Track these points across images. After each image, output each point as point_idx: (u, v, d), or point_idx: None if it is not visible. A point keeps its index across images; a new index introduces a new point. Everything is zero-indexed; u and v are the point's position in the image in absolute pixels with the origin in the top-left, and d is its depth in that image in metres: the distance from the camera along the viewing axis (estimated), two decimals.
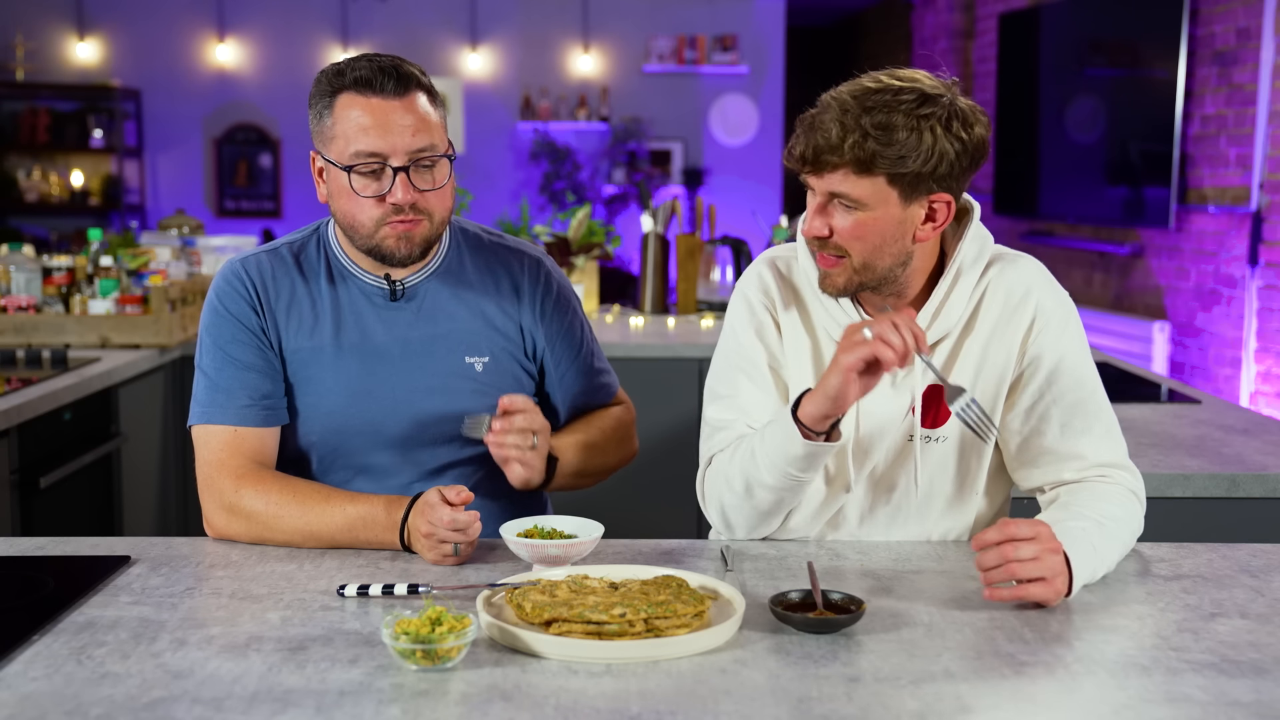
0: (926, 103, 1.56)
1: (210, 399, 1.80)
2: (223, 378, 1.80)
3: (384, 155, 1.72)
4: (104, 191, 8.52)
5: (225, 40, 8.70)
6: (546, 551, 1.57)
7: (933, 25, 8.96)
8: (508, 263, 1.92)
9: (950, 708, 1.21)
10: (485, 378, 1.86)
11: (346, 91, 1.73)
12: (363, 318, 1.84)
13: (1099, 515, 1.61)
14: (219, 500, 1.76)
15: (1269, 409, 5.19)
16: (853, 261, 1.64)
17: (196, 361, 1.85)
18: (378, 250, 1.78)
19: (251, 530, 1.73)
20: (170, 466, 3.74)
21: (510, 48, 8.84)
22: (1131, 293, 6.36)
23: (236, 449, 1.78)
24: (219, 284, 1.85)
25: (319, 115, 1.76)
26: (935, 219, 1.64)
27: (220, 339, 1.82)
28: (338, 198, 1.77)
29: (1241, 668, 1.31)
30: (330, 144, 1.75)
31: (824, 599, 1.43)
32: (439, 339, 1.85)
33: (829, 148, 1.57)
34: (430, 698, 1.22)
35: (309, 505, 1.71)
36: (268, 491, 1.73)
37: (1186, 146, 5.77)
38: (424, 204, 1.76)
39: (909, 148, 1.56)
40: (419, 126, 1.73)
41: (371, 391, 1.82)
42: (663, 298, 4.52)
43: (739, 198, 8.71)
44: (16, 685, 1.24)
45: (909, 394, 1.71)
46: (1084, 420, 1.70)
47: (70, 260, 3.61)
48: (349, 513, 1.70)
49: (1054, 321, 1.71)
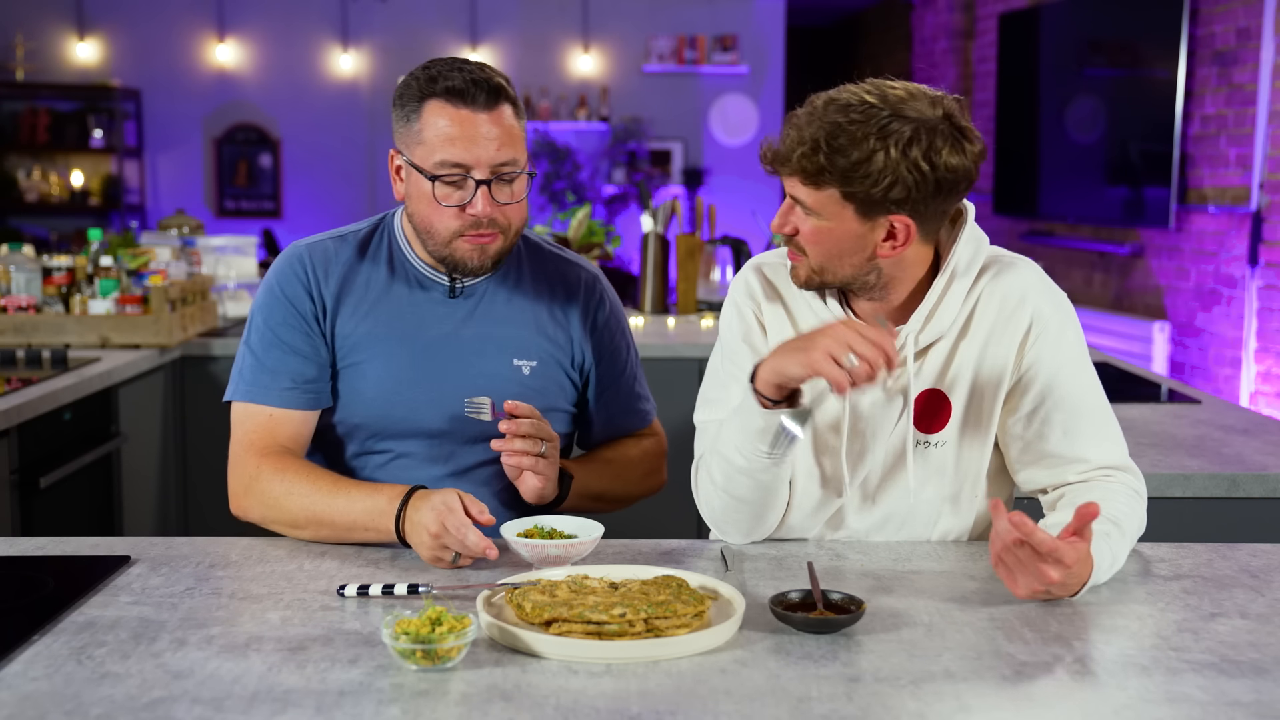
0: (894, 122, 1.53)
1: (254, 378, 1.82)
2: (269, 358, 1.82)
3: (468, 167, 1.74)
4: (104, 191, 8.52)
5: (225, 40, 8.71)
6: (546, 551, 1.57)
7: (933, 25, 8.97)
8: (565, 275, 1.95)
9: (950, 708, 1.21)
10: (531, 381, 1.87)
11: (437, 99, 1.75)
12: (419, 310, 1.86)
13: (1113, 516, 1.61)
14: (241, 478, 1.78)
15: (1269, 409, 5.19)
16: (810, 262, 1.65)
17: (244, 339, 1.87)
18: (451, 259, 1.81)
19: (264, 510, 1.75)
20: (170, 466, 3.74)
21: (510, 48, 8.84)
22: (1131, 293, 6.36)
23: (270, 431, 1.80)
24: (279, 266, 1.87)
25: (406, 117, 1.78)
26: (895, 238, 1.61)
27: (271, 320, 1.84)
28: (417, 201, 1.79)
29: (1241, 668, 1.31)
30: (415, 148, 1.77)
31: (824, 599, 1.43)
32: (490, 339, 1.87)
33: (782, 155, 1.58)
34: (430, 698, 1.22)
35: (319, 488, 1.72)
36: (284, 472, 1.75)
37: (1186, 146, 5.77)
38: (502, 217, 1.78)
39: (858, 166, 1.53)
40: (504, 140, 1.75)
41: (417, 383, 1.84)
42: (663, 298, 4.52)
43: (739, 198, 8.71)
44: (16, 685, 1.24)
45: (901, 399, 1.71)
46: (1086, 424, 1.70)
47: (70, 260, 3.61)
48: (355, 501, 1.69)
49: (1051, 327, 1.70)
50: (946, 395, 1.71)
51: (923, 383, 1.71)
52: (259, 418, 1.81)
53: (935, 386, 1.71)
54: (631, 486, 1.98)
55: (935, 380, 1.71)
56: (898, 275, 1.67)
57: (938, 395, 1.71)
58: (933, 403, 1.71)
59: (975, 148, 1.58)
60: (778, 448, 1.61)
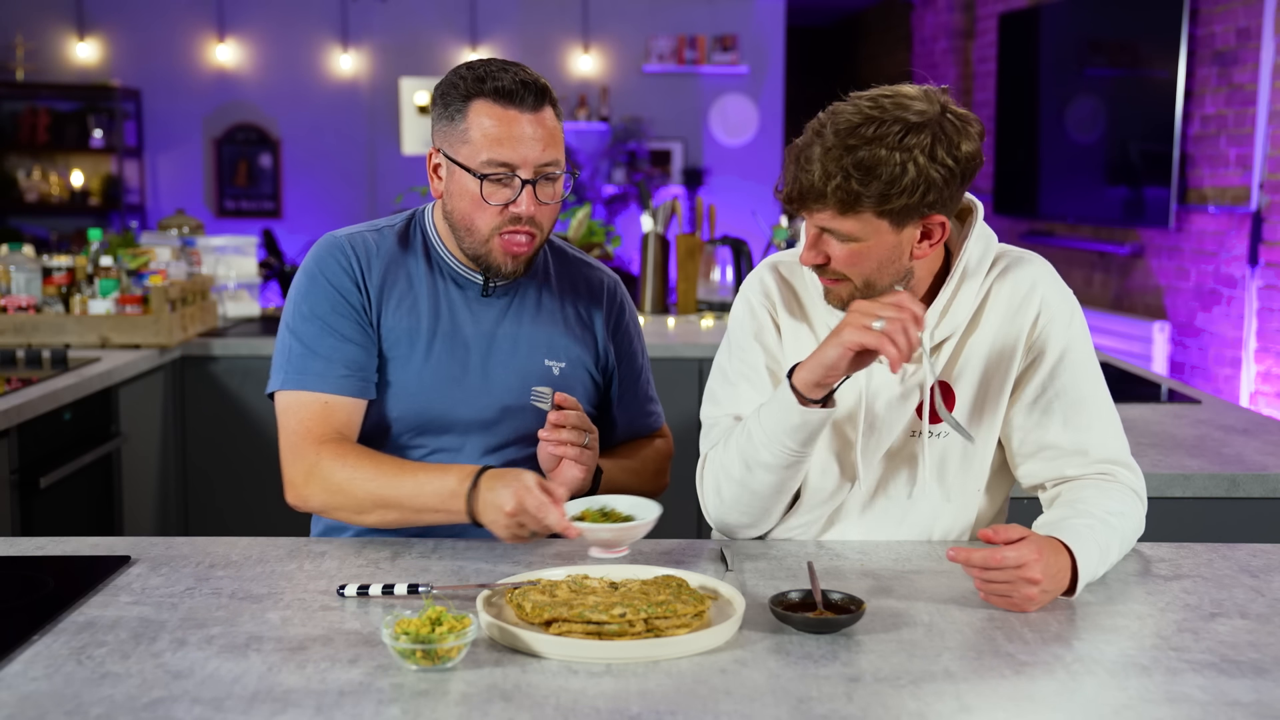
0: (911, 133, 1.54)
1: (304, 365, 1.81)
2: (322, 346, 1.81)
3: (515, 166, 1.76)
4: (104, 191, 8.51)
5: (225, 40, 8.70)
6: (599, 535, 1.58)
7: (933, 25, 8.97)
8: (589, 279, 1.99)
9: (950, 708, 1.21)
10: (560, 382, 1.89)
11: (485, 99, 1.76)
12: (455, 307, 1.87)
13: (1104, 512, 1.61)
14: (300, 466, 1.78)
15: (1269, 409, 5.19)
16: (854, 282, 1.65)
17: (288, 327, 1.84)
18: (486, 259, 1.82)
19: (327, 497, 1.75)
20: (170, 466, 3.74)
21: (510, 48, 8.83)
22: (1131, 293, 6.36)
23: (325, 418, 1.80)
24: (320, 255, 1.86)
25: (450, 116, 1.78)
26: (931, 237, 1.64)
27: (319, 308, 1.83)
28: (458, 198, 1.80)
29: (1241, 668, 1.31)
30: (460, 147, 1.78)
31: (824, 599, 1.43)
32: (523, 339, 1.89)
33: (813, 191, 1.57)
34: (430, 698, 1.22)
35: (384, 471, 1.73)
36: (345, 457, 1.75)
37: (1186, 146, 5.77)
38: (540, 217, 1.80)
39: (893, 183, 1.54)
40: (549, 141, 1.77)
41: (457, 379, 1.85)
42: (663, 298, 4.52)
43: (739, 198, 8.71)
44: (16, 685, 1.24)
45: (915, 388, 1.72)
46: (1087, 415, 1.71)
47: (70, 260, 3.61)
48: (424, 484, 1.70)
49: (1059, 315, 1.72)
50: (951, 387, 1.72)
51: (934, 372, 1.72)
52: (313, 406, 1.80)
53: (942, 379, 1.73)
54: (645, 485, 2.00)
55: (942, 372, 1.73)
56: (918, 274, 1.69)
57: (944, 386, 1.73)
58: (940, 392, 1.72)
59: (977, 128, 1.60)
60: (809, 444, 1.64)
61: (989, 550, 1.46)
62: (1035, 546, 1.46)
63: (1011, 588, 1.46)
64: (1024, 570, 1.45)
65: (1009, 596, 1.47)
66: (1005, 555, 1.45)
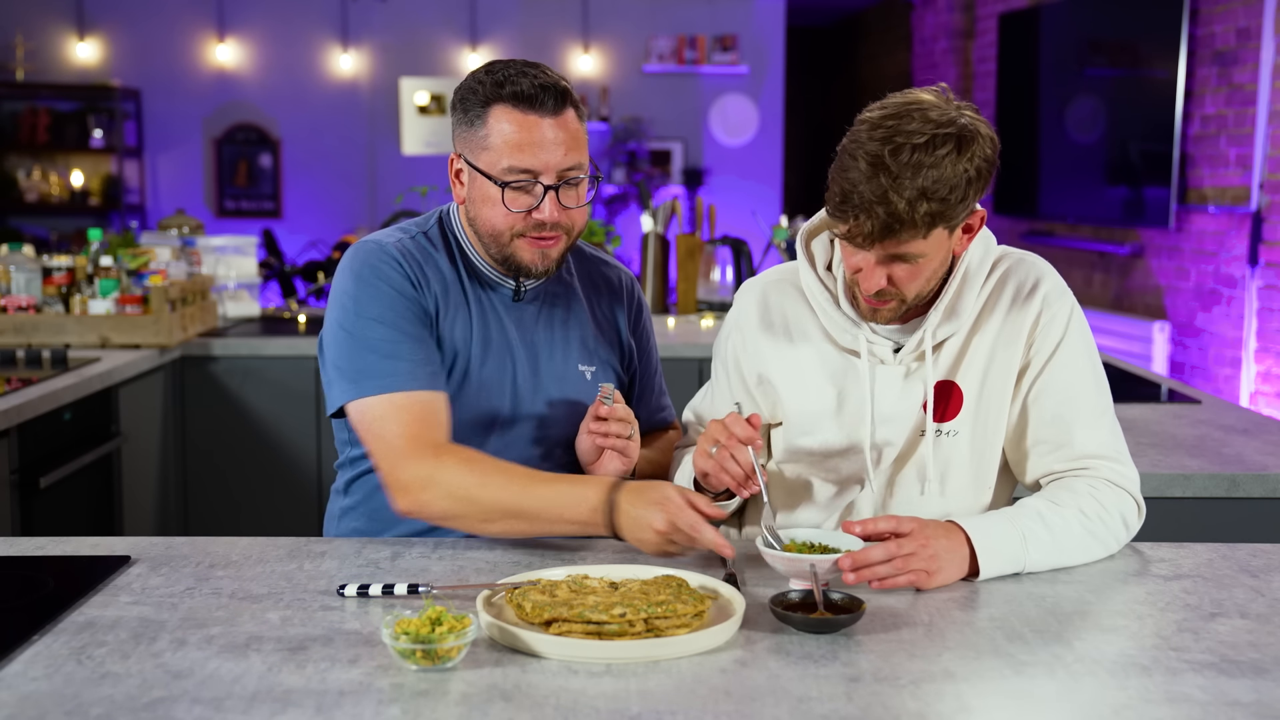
0: (960, 142, 1.55)
1: (388, 369, 1.72)
2: (399, 349, 1.74)
3: (536, 172, 1.73)
4: (104, 191, 8.51)
5: (225, 40, 8.70)
6: (802, 566, 1.51)
7: (933, 25, 8.97)
8: (608, 276, 1.98)
9: (950, 708, 1.21)
10: (592, 386, 1.89)
11: (504, 104, 1.73)
12: (496, 312, 1.85)
13: (1050, 499, 1.65)
14: (418, 473, 1.68)
15: (1269, 409, 5.19)
16: (905, 298, 1.66)
17: (349, 333, 1.75)
18: (512, 260, 1.79)
19: (451, 504, 1.67)
20: (170, 466, 3.74)
21: (510, 48, 8.83)
22: (1131, 293, 6.36)
23: (427, 418, 1.71)
24: (370, 261, 1.78)
25: (470, 121, 1.75)
26: (972, 230, 1.67)
27: (385, 314, 1.75)
28: (481, 204, 1.77)
29: (1241, 668, 1.31)
30: (481, 153, 1.75)
31: (824, 599, 1.43)
32: (557, 343, 1.88)
33: (900, 220, 1.55)
34: (430, 698, 1.22)
35: (514, 479, 1.67)
36: (472, 464, 1.68)
37: (1186, 146, 5.77)
38: (566, 221, 1.77)
39: (964, 199, 1.57)
40: (571, 145, 1.74)
41: (498, 384, 1.83)
42: (663, 298, 4.52)
43: (739, 198, 8.71)
44: (16, 685, 1.24)
45: (921, 388, 1.72)
46: (1076, 411, 1.72)
47: (70, 260, 3.61)
48: (560, 494, 1.65)
49: (1059, 313, 1.73)
50: (957, 385, 1.73)
51: (936, 374, 1.74)
52: (413, 408, 1.71)
53: (947, 378, 1.74)
54: (667, 473, 1.99)
55: (948, 372, 1.74)
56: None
57: (949, 385, 1.74)
58: (944, 392, 1.74)
59: (980, 112, 1.63)
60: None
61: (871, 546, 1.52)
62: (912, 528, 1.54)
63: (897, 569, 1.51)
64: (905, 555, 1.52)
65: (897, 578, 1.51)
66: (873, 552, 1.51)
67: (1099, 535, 1.65)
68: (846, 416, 1.76)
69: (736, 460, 1.62)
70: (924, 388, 1.73)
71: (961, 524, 1.58)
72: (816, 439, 1.78)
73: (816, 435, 1.78)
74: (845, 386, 1.75)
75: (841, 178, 1.57)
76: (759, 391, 1.83)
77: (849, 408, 1.75)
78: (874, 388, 1.73)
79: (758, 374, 1.82)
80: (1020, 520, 1.60)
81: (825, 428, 1.77)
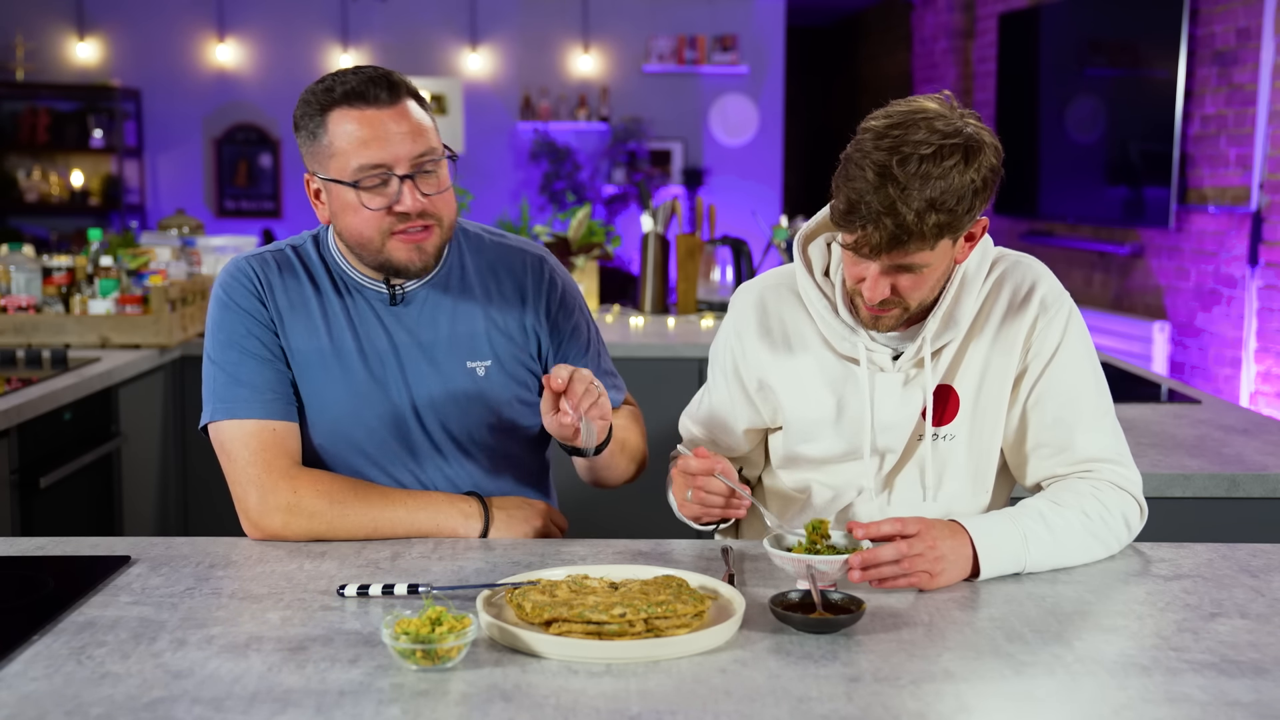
0: (967, 151, 1.55)
1: (233, 394, 1.77)
2: (243, 372, 1.77)
3: (388, 165, 1.70)
4: (104, 191, 8.51)
5: (225, 40, 8.70)
6: (815, 567, 1.50)
7: (933, 25, 8.96)
8: (510, 263, 1.90)
9: (950, 708, 1.21)
10: (487, 383, 1.85)
11: (338, 107, 1.71)
12: (365, 322, 1.83)
13: (1052, 499, 1.64)
14: (276, 501, 1.72)
15: (1269, 409, 5.19)
16: (908, 306, 1.66)
17: (209, 357, 1.81)
18: (389, 264, 1.76)
19: (313, 528, 1.72)
20: (170, 466, 3.74)
21: (510, 48, 8.84)
22: (1131, 293, 6.36)
23: (275, 445, 1.76)
24: (226, 281, 1.82)
25: (312, 135, 1.73)
26: (975, 238, 1.67)
27: (235, 335, 1.79)
28: (342, 215, 1.75)
29: (1241, 668, 1.31)
30: (329, 162, 1.72)
31: (824, 599, 1.43)
32: (439, 344, 1.83)
33: (908, 231, 1.54)
34: (430, 698, 1.22)
35: (372, 503, 1.74)
36: (329, 492, 1.73)
37: (1186, 146, 5.77)
38: (432, 209, 1.74)
39: (970, 209, 1.57)
40: (416, 132, 1.72)
41: (374, 396, 1.81)
42: (663, 298, 4.52)
43: (739, 198, 8.71)
44: (16, 685, 1.24)
45: (920, 394, 1.72)
46: (1076, 413, 1.72)
47: (70, 260, 3.61)
48: (414, 508, 1.75)
49: (1057, 317, 1.73)
50: (954, 389, 1.73)
51: (936, 376, 1.74)
52: (260, 434, 1.76)
53: (944, 382, 1.74)
54: (641, 441, 1.97)
55: (944, 376, 1.74)
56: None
57: (945, 389, 1.74)
58: (940, 396, 1.74)
59: (982, 120, 1.62)
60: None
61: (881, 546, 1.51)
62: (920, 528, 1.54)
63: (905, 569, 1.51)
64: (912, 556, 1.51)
65: (901, 579, 1.51)
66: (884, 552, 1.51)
67: (1100, 536, 1.65)
68: (846, 424, 1.76)
69: (711, 492, 1.66)
70: (923, 394, 1.73)
71: (964, 523, 1.58)
72: (816, 446, 1.78)
73: (816, 443, 1.78)
74: (845, 394, 1.75)
75: (848, 188, 1.56)
76: (759, 397, 1.83)
77: (849, 415, 1.75)
78: (873, 395, 1.73)
79: (758, 380, 1.81)
80: (1021, 520, 1.60)
81: (825, 435, 1.77)
